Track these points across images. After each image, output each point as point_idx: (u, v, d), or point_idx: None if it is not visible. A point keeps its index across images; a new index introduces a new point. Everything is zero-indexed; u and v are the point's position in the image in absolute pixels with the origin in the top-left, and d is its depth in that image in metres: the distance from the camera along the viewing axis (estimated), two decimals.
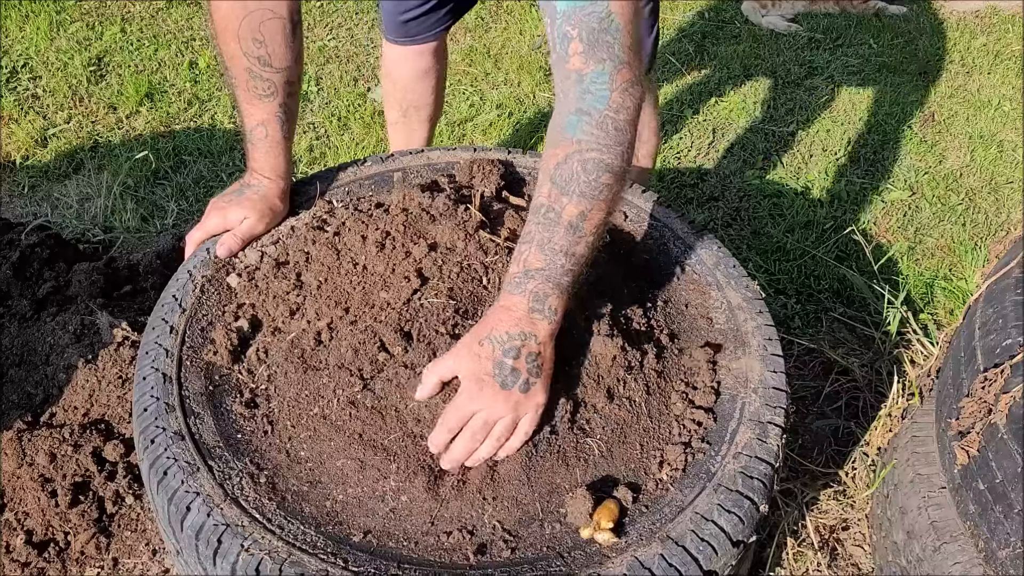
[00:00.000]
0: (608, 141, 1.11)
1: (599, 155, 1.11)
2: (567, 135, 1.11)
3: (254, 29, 1.33)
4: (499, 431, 1.11)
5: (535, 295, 1.12)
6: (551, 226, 1.12)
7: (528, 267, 1.12)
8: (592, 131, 1.10)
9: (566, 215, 1.11)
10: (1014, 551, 1.19)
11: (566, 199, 1.11)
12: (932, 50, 3.42)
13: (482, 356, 1.11)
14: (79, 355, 1.69)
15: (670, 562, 1.04)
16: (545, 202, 1.12)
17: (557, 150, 1.12)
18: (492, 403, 1.10)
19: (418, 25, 2.01)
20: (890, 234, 2.53)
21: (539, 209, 1.13)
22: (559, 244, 1.12)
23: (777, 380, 1.26)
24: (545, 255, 1.12)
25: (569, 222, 1.11)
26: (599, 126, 1.10)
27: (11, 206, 2.50)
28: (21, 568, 1.50)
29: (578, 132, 1.11)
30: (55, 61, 3.10)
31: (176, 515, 1.08)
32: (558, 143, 1.12)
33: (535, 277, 1.12)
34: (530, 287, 1.12)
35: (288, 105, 1.41)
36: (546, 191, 1.12)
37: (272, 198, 1.43)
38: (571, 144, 1.11)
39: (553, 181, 1.12)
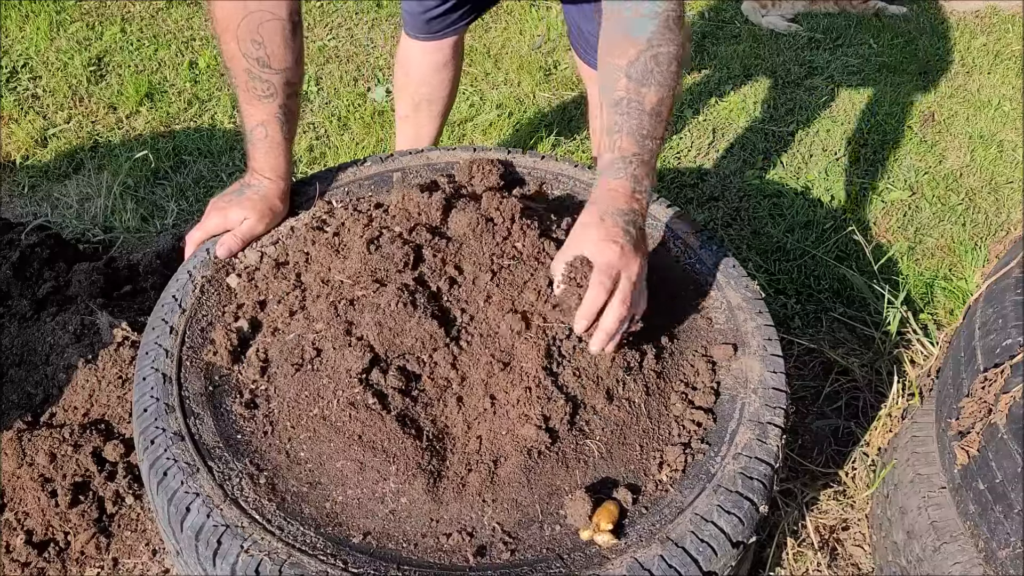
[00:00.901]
0: (671, 35, 1.22)
1: (667, 48, 1.22)
2: (634, 35, 1.22)
3: (253, 30, 1.33)
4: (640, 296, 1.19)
5: (635, 177, 1.23)
6: (637, 115, 1.22)
7: (623, 153, 1.22)
8: (659, 29, 1.21)
9: (648, 103, 1.22)
10: (1014, 551, 1.19)
11: (645, 89, 1.22)
12: (932, 50, 3.42)
13: (609, 226, 1.18)
14: (79, 355, 1.69)
15: (670, 563, 1.04)
16: (625, 95, 1.22)
17: (628, 49, 1.22)
18: (631, 262, 1.17)
19: (440, 22, 2.04)
20: (890, 234, 2.53)
21: (620, 102, 1.23)
22: (647, 130, 1.23)
23: (777, 380, 1.26)
24: (636, 141, 1.22)
25: (652, 109, 1.23)
26: (663, 23, 1.22)
27: (11, 206, 2.50)
28: (21, 568, 1.50)
29: (646, 32, 1.21)
30: (55, 61, 3.10)
31: (176, 516, 1.08)
32: (626, 44, 1.22)
33: (632, 162, 1.22)
34: (630, 171, 1.22)
35: (288, 106, 1.41)
36: (623, 85, 1.22)
37: (272, 198, 1.43)
38: (641, 43, 1.22)
39: (629, 76, 1.22)
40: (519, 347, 1.20)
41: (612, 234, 1.17)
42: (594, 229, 1.18)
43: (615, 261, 1.15)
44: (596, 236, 1.18)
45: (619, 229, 1.18)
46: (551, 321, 1.18)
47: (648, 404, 1.21)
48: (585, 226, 1.20)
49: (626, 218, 1.20)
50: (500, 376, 1.18)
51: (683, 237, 1.50)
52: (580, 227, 1.21)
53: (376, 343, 1.20)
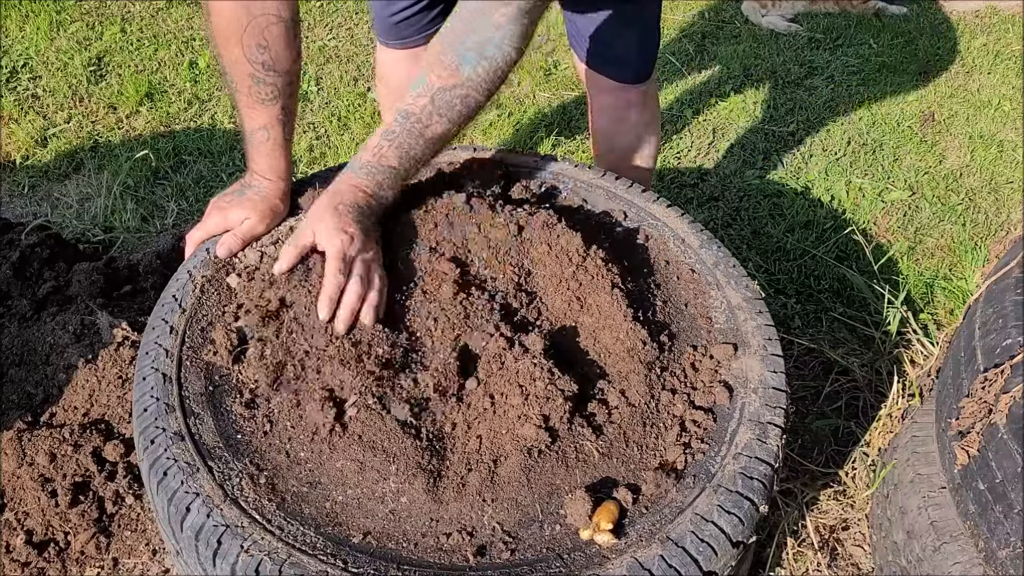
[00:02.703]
0: (491, 87, 1.30)
1: (479, 96, 1.29)
2: (463, 69, 1.27)
3: (258, 35, 1.31)
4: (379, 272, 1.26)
5: (380, 185, 1.31)
6: (415, 136, 1.30)
7: (383, 162, 1.30)
8: (484, 76, 1.28)
9: (430, 132, 1.30)
10: (1014, 551, 1.19)
11: (436, 118, 1.29)
12: (932, 50, 3.42)
13: (343, 215, 1.25)
14: (79, 355, 1.69)
15: (670, 563, 1.04)
16: (417, 112, 1.29)
17: (447, 76, 1.27)
18: (364, 246, 1.25)
19: (410, 27, 1.97)
20: (890, 234, 2.53)
21: (410, 116, 1.29)
22: (415, 153, 1.31)
23: (777, 380, 1.26)
24: (400, 157, 1.30)
25: (431, 138, 1.31)
26: (492, 74, 1.28)
27: (11, 206, 2.50)
28: (21, 568, 1.50)
29: (472, 71, 1.27)
30: (55, 61, 3.10)
31: (176, 516, 1.08)
32: (451, 71, 1.27)
33: (386, 172, 1.30)
34: (379, 179, 1.30)
35: (289, 107, 1.41)
36: (422, 104, 1.29)
37: (273, 199, 1.43)
38: (459, 78, 1.27)
39: (432, 100, 1.28)
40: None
41: (343, 223, 1.24)
42: (328, 217, 1.25)
43: (344, 248, 1.23)
44: (332, 223, 1.24)
45: (351, 218, 1.25)
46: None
47: (648, 404, 1.21)
48: (322, 212, 1.26)
49: (360, 210, 1.27)
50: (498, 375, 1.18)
51: (683, 237, 1.50)
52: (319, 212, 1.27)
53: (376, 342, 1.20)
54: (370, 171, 1.30)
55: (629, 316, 1.26)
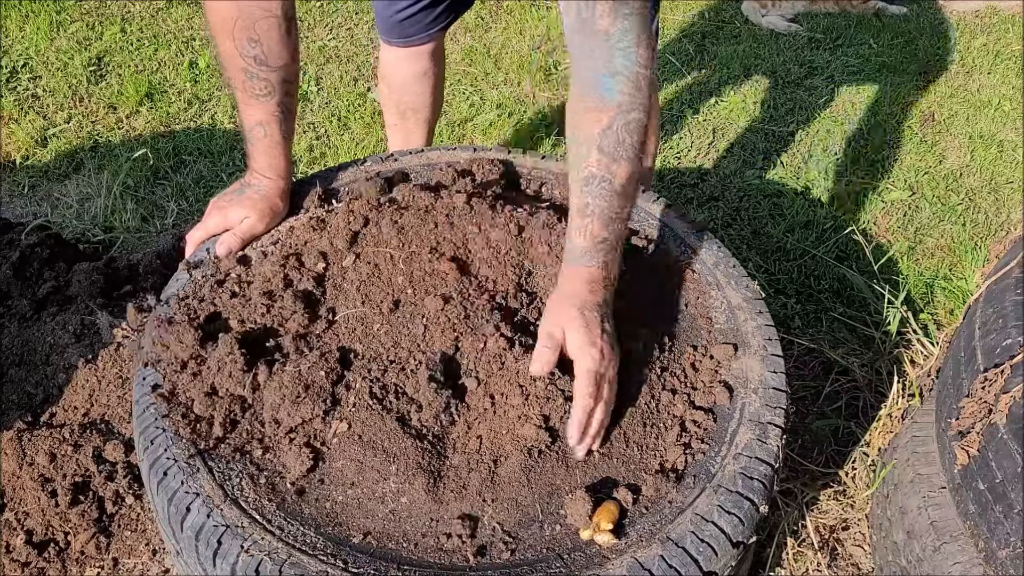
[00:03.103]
0: (641, 99, 1.17)
1: (638, 115, 1.17)
2: (606, 98, 1.16)
3: (249, 28, 1.32)
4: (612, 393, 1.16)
5: (605, 265, 1.20)
6: (608, 195, 1.18)
7: (595, 239, 1.19)
8: (629, 91, 1.16)
9: (618, 181, 1.18)
10: (1014, 551, 1.19)
11: (615, 166, 1.17)
12: (932, 50, 3.42)
13: (591, 324, 1.15)
14: (79, 355, 1.69)
15: (670, 563, 1.04)
16: (597, 172, 1.18)
17: (600, 116, 1.17)
18: (611, 364, 1.16)
19: (412, 25, 1.97)
20: (890, 234, 2.53)
21: (591, 180, 1.18)
22: (615, 212, 1.19)
23: (777, 380, 1.26)
24: (607, 225, 1.19)
25: (622, 188, 1.19)
26: (634, 85, 1.16)
27: (11, 206, 2.50)
28: (21, 568, 1.50)
29: (616, 94, 1.16)
30: (55, 61, 3.10)
31: (176, 516, 1.08)
32: (599, 108, 1.17)
33: (603, 248, 1.19)
34: (601, 259, 1.20)
35: (286, 104, 1.41)
36: (595, 160, 1.18)
37: (272, 198, 1.43)
38: (612, 108, 1.16)
39: (602, 150, 1.17)
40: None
41: (593, 336, 1.14)
42: (576, 329, 1.15)
43: (598, 368, 1.14)
44: (579, 339, 1.14)
45: (598, 328, 1.15)
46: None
47: (648, 404, 1.21)
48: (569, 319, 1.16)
49: (601, 311, 1.18)
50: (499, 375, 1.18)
51: (683, 237, 1.50)
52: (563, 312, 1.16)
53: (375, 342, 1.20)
54: (592, 256, 1.19)
55: (628, 317, 1.26)
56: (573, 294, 1.18)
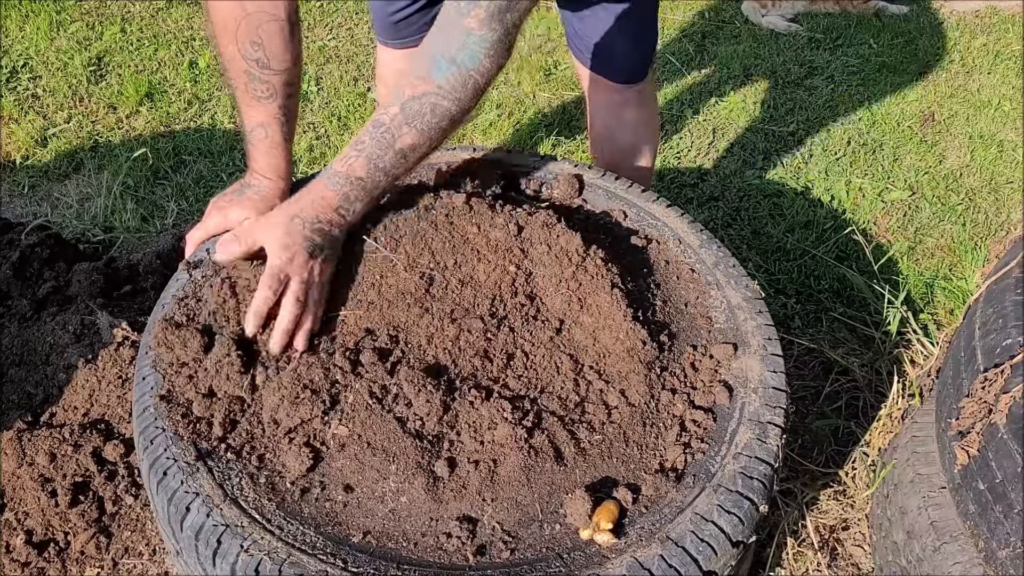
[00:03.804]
0: (462, 96, 1.24)
1: (450, 104, 1.23)
2: (432, 75, 1.23)
3: (252, 32, 1.32)
4: (315, 295, 1.24)
5: (346, 197, 1.26)
6: (385, 147, 1.25)
7: (351, 172, 1.25)
8: (454, 83, 1.23)
9: (400, 143, 1.25)
10: (1014, 551, 1.19)
11: (407, 128, 1.24)
12: (932, 50, 3.42)
13: (293, 230, 1.22)
14: (79, 355, 1.69)
15: (669, 563, 1.04)
16: (387, 122, 1.24)
17: (418, 83, 1.23)
18: (303, 268, 1.22)
19: (409, 26, 1.96)
20: (890, 234, 2.53)
21: (380, 125, 1.25)
22: (384, 164, 1.25)
23: (777, 380, 1.26)
24: (369, 169, 1.25)
25: (401, 149, 1.25)
26: (462, 82, 1.23)
27: (11, 206, 2.51)
28: (21, 568, 1.50)
29: (442, 78, 1.23)
30: (55, 61, 3.10)
31: (176, 515, 1.08)
32: (422, 78, 1.23)
33: (353, 183, 1.26)
34: (345, 190, 1.26)
35: (288, 106, 1.41)
36: (392, 113, 1.24)
37: (273, 198, 1.43)
38: (430, 84, 1.23)
39: (402, 109, 1.24)
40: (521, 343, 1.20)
41: (292, 240, 1.22)
42: (280, 230, 1.23)
43: (283, 266, 1.21)
44: (278, 238, 1.22)
45: (301, 236, 1.22)
46: None
47: (648, 404, 1.21)
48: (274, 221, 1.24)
49: (315, 226, 1.24)
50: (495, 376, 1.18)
51: (683, 237, 1.50)
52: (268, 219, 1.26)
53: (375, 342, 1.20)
54: (338, 182, 1.26)
55: (629, 316, 1.26)
56: (295, 202, 1.26)
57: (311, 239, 1.23)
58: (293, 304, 1.21)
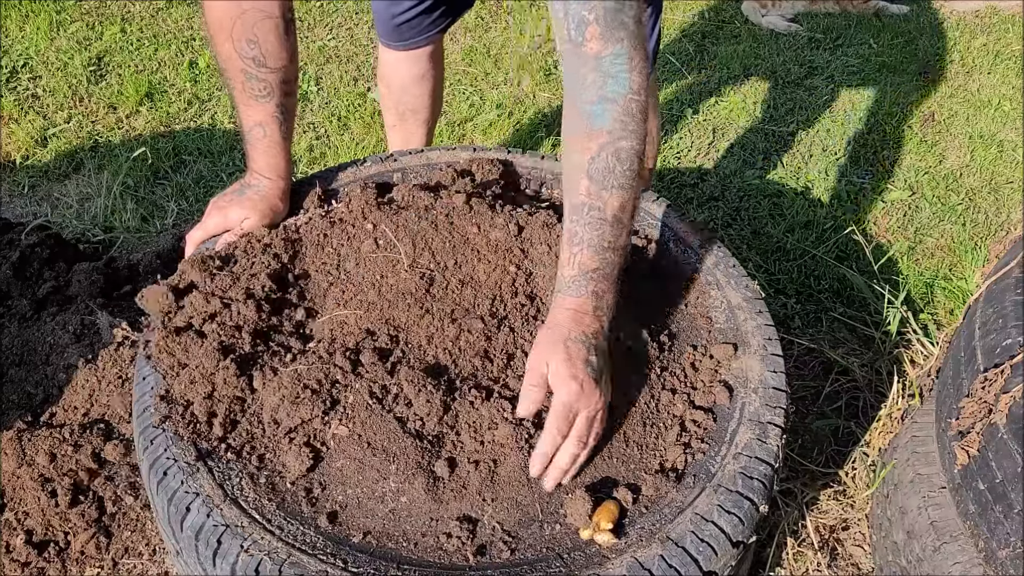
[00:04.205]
0: (634, 126, 1.13)
1: (629, 143, 1.13)
2: (596, 126, 1.13)
3: (248, 30, 1.32)
4: (597, 428, 1.13)
5: (596, 295, 1.15)
6: (598, 224, 1.14)
7: (584, 268, 1.15)
8: (620, 118, 1.12)
9: (609, 210, 1.14)
10: (1014, 551, 1.19)
11: (607, 194, 1.14)
12: (932, 50, 3.42)
13: (574, 357, 1.11)
14: (79, 355, 1.69)
15: (670, 563, 1.04)
16: (587, 200, 1.14)
17: (588, 143, 1.14)
18: (590, 400, 1.11)
19: (411, 28, 1.97)
20: (890, 234, 2.53)
21: (581, 208, 1.15)
22: (608, 241, 1.15)
23: (777, 380, 1.26)
24: (597, 254, 1.14)
25: (614, 216, 1.14)
26: (625, 112, 1.12)
27: (11, 206, 2.50)
28: (21, 568, 1.50)
29: (607, 122, 1.13)
30: (55, 61, 3.10)
31: (176, 515, 1.08)
32: (587, 135, 1.14)
33: (593, 278, 1.15)
34: (591, 288, 1.15)
35: (286, 105, 1.41)
36: (584, 188, 1.14)
37: (272, 198, 1.43)
38: (602, 135, 1.13)
39: (591, 178, 1.14)
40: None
41: (573, 369, 1.10)
42: (556, 360, 1.11)
43: (573, 401, 1.10)
44: (559, 371, 1.10)
45: (581, 361, 1.11)
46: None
47: (648, 404, 1.21)
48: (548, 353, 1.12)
49: (589, 343, 1.13)
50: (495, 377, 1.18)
51: (683, 237, 1.50)
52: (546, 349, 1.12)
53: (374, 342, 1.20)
54: (579, 286, 1.15)
55: (628, 316, 1.26)
56: (558, 325, 1.14)
57: (590, 361, 1.11)
58: (573, 446, 1.11)
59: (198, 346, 1.20)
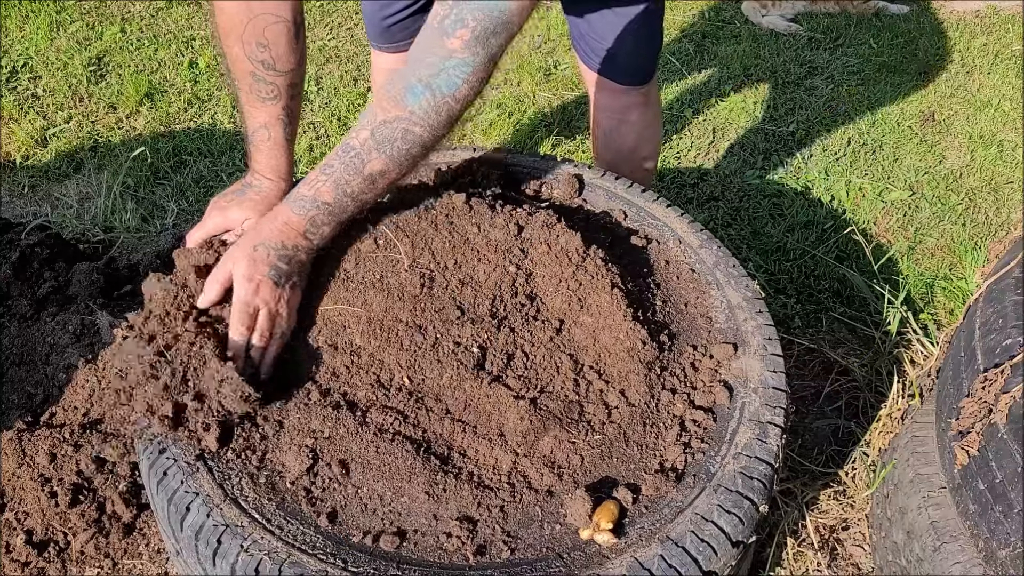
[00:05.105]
0: (435, 122, 1.20)
1: (421, 131, 1.21)
2: (406, 100, 1.19)
3: (258, 33, 1.32)
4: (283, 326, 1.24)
5: (312, 221, 1.24)
6: (353, 172, 1.23)
7: (318, 197, 1.24)
8: (428, 109, 1.19)
9: (369, 168, 1.22)
10: (1014, 551, 1.19)
11: (376, 154, 1.22)
12: (932, 50, 3.42)
13: (257, 260, 1.22)
14: (79, 355, 1.69)
15: (670, 563, 1.04)
16: (357, 147, 1.22)
17: (390, 108, 1.21)
18: (269, 299, 1.21)
19: (403, 30, 1.96)
20: (890, 234, 2.53)
21: (350, 150, 1.23)
22: (352, 189, 1.23)
23: (777, 380, 1.26)
24: (336, 194, 1.23)
25: (370, 175, 1.23)
26: (437, 107, 1.19)
27: (11, 206, 2.51)
28: (21, 568, 1.50)
29: (415, 103, 1.19)
30: (55, 61, 3.10)
31: (176, 515, 1.08)
32: (394, 102, 1.20)
33: (320, 208, 1.24)
34: (312, 214, 1.24)
35: (291, 108, 1.41)
36: (363, 137, 1.22)
37: (273, 199, 1.42)
38: (403, 110, 1.20)
39: (372, 135, 1.22)
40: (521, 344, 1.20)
41: (257, 270, 1.21)
42: (243, 259, 1.22)
43: (250, 299, 1.20)
44: (240, 271, 1.21)
45: (264, 264, 1.21)
46: None
47: (648, 404, 1.21)
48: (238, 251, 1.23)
49: (281, 252, 1.23)
50: None
51: (683, 237, 1.50)
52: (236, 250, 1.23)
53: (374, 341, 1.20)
54: (304, 206, 1.24)
55: (629, 316, 1.26)
56: (258, 230, 1.25)
57: (276, 267, 1.22)
58: (258, 340, 1.21)
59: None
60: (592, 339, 1.27)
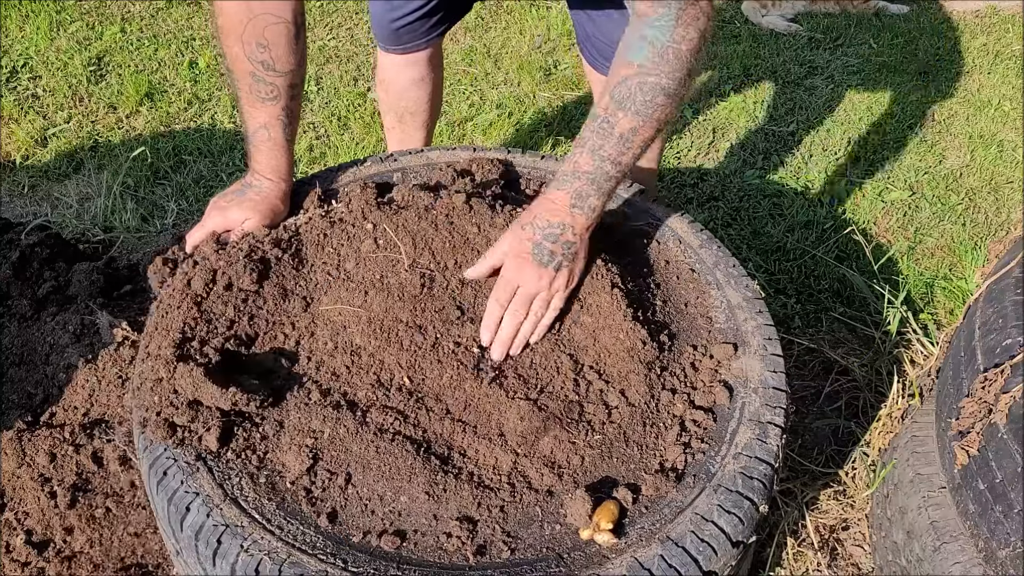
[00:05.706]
0: (666, 67, 1.20)
1: (657, 79, 1.20)
2: (629, 58, 1.21)
3: (258, 33, 1.32)
4: (537, 307, 1.23)
5: (578, 193, 1.24)
6: (604, 135, 1.23)
7: (577, 168, 1.24)
8: (653, 57, 1.20)
9: (619, 128, 1.22)
10: (1014, 551, 1.19)
11: (621, 113, 1.22)
12: (932, 50, 3.42)
13: (523, 238, 1.24)
14: (79, 355, 1.69)
15: (670, 563, 1.04)
16: (602, 113, 1.23)
17: (620, 70, 1.22)
18: (530, 278, 1.22)
19: (410, 33, 1.97)
20: (890, 234, 2.53)
21: (595, 118, 1.24)
22: (608, 152, 1.23)
23: (777, 380, 1.26)
24: (594, 160, 1.23)
25: (621, 134, 1.22)
26: (659, 54, 1.20)
27: (11, 206, 2.51)
28: (21, 568, 1.50)
29: (639, 57, 1.20)
30: (55, 61, 3.10)
31: (176, 515, 1.08)
32: (621, 64, 1.22)
33: (581, 178, 1.24)
34: (575, 186, 1.24)
35: (291, 108, 1.41)
36: (604, 104, 1.23)
37: (273, 199, 1.43)
38: (632, 67, 1.21)
39: (611, 96, 1.22)
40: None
41: (522, 248, 1.23)
42: (509, 238, 1.26)
43: (512, 277, 1.23)
44: (509, 247, 1.25)
45: (530, 243, 1.23)
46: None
47: (648, 404, 1.21)
48: (508, 232, 1.27)
49: (547, 231, 1.24)
50: None
51: (683, 237, 1.50)
52: (507, 231, 1.27)
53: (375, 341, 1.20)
54: (566, 180, 1.25)
55: (629, 316, 1.26)
56: (528, 211, 1.27)
57: (541, 245, 1.23)
58: (511, 318, 1.22)
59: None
60: (592, 339, 1.27)
